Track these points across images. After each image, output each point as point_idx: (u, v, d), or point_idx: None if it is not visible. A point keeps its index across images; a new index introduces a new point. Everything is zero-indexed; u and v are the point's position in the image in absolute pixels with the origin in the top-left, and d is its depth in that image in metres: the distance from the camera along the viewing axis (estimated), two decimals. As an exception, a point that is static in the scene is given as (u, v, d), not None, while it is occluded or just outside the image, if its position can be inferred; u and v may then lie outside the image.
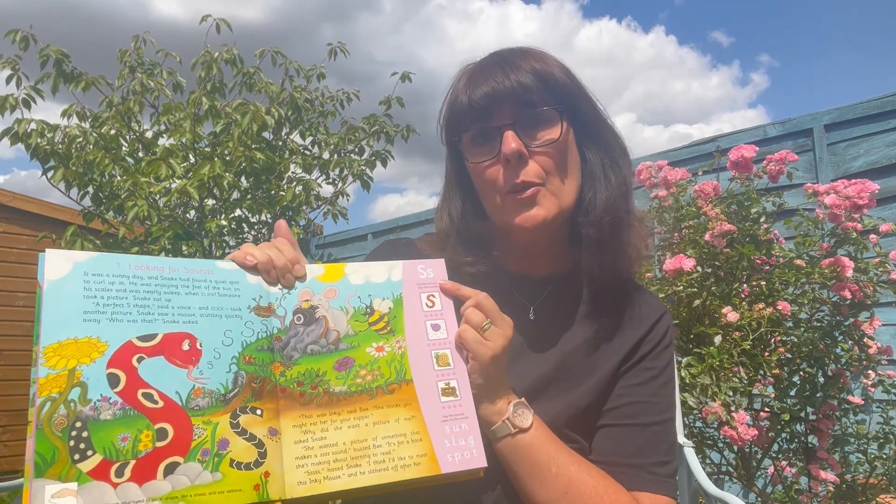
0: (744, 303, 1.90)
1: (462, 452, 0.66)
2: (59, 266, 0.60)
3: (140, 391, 0.58)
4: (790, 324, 1.94)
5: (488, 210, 0.84)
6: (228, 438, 0.59)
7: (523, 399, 0.73)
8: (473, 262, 0.85)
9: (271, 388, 0.63)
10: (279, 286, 0.69)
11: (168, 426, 0.57)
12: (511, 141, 0.77)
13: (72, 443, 0.54)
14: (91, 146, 4.39)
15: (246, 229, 5.27)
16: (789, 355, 1.93)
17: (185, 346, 0.61)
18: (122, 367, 0.58)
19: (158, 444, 0.56)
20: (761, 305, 1.86)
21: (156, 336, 0.61)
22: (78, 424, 0.54)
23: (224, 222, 4.92)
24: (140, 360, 0.59)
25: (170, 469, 0.56)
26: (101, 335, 0.59)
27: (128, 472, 0.55)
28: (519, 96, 0.77)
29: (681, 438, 1.69)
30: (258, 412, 0.62)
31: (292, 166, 5.14)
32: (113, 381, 0.57)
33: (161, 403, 0.58)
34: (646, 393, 0.81)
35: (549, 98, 0.78)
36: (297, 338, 0.67)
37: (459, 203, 0.87)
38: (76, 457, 0.54)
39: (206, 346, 0.62)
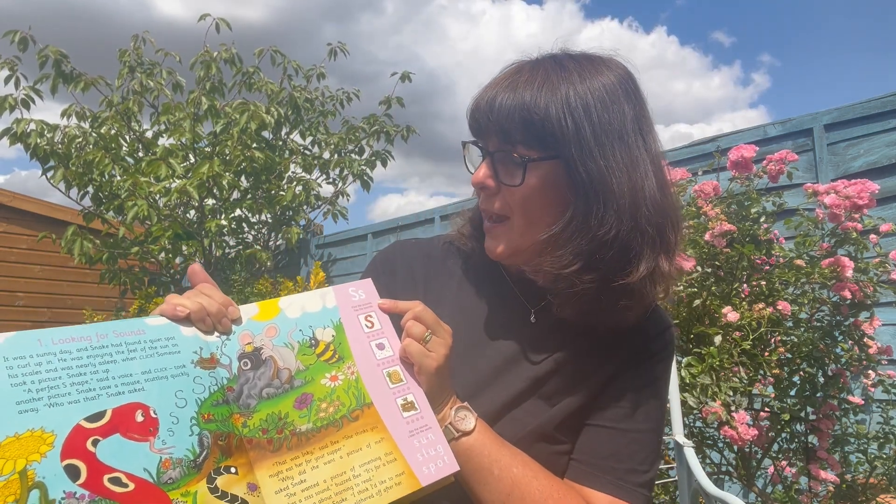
0: (744, 303, 1.90)
1: (435, 462, 0.67)
2: None
3: (106, 477, 0.53)
4: (790, 324, 1.94)
5: None
6: None
7: (465, 403, 0.74)
8: (472, 251, 0.87)
9: (238, 441, 0.60)
10: (216, 334, 0.66)
11: None
12: (481, 171, 0.78)
13: None
14: (91, 146, 4.39)
15: (246, 229, 5.28)
16: (789, 355, 1.93)
17: (140, 418, 0.57)
18: (78, 456, 0.52)
19: None
20: (761, 305, 1.86)
21: (104, 413, 0.55)
22: None
23: (224, 222, 4.92)
24: (95, 442, 0.54)
25: None
26: (44, 425, 0.52)
27: None
28: (500, 130, 0.75)
29: (681, 438, 1.69)
30: (233, 470, 0.59)
31: (292, 166, 5.14)
32: (73, 473, 0.52)
33: (132, 485, 0.53)
34: (632, 399, 0.81)
35: (528, 140, 0.73)
36: (248, 384, 0.64)
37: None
38: None
39: (160, 412, 0.58)
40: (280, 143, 5.17)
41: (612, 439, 0.79)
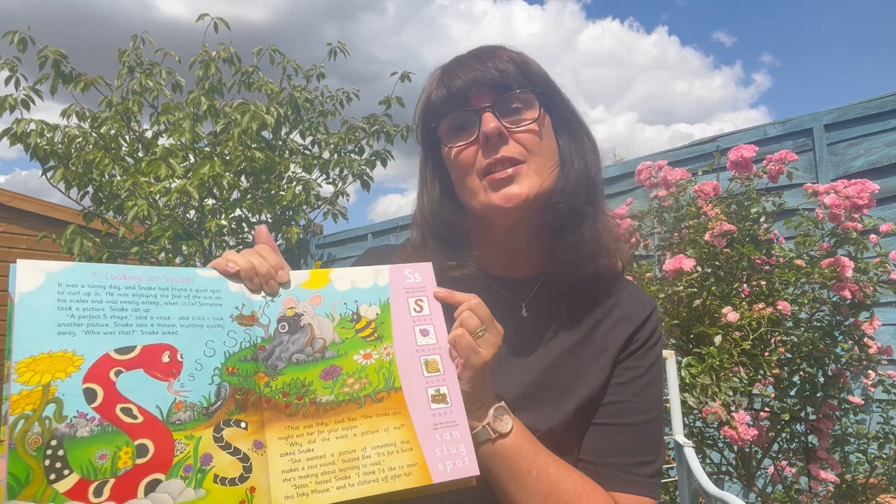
0: (744, 303, 1.90)
1: (454, 461, 0.64)
2: (31, 277, 0.58)
3: (118, 406, 0.56)
4: (790, 324, 1.94)
5: (466, 195, 0.83)
6: (212, 453, 0.57)
7: (503, 403, 0.73)
8: (456, 265, 0.85)
9: (256, 399, 0.61)
10: (262, 294, 0.67)
11: (148, 442, 0.55)
12: (490, 120, 0.79)
13: (47, 462, 0.52)
14: (91, 146, 4.38)
15: (246, 229, 5.27)
16: (789, 355, 1.93)
17: (166, 359, 0.59)
18: (99, 382, 0.56)
19: (139, 461, 0.54)
20: (761, 305, 1.86)
21: (134, 348, 0.58)
22: (53, 443, 0.52)
23: (224, 222, 4.92)
24: (118, 373, 0.57)
25: (151, 487, 0.54)
26: (76, 348, 0.56)
27: (107, 492, 0.52)
28: (497, 80, 0.80)
29: (681, 438, 1.69)
30: (242, 425, 0.60)
31: (292, 166, 5.14)
32: (90, 396, 0.55)
33: (141, 418, 0.56)
34: (630, 392, 0.82)
35: (526, 83, 0.81)
36: (281, 347, 0.65)
37: (437, 195, 0.87)
38: (52, 477, 0.51)
39: (186, 357, 0.60)
40: (280, 143, 5.17)
41: (618, 436, 0.80)
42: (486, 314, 0.71)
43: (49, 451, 0.52)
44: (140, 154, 4.80)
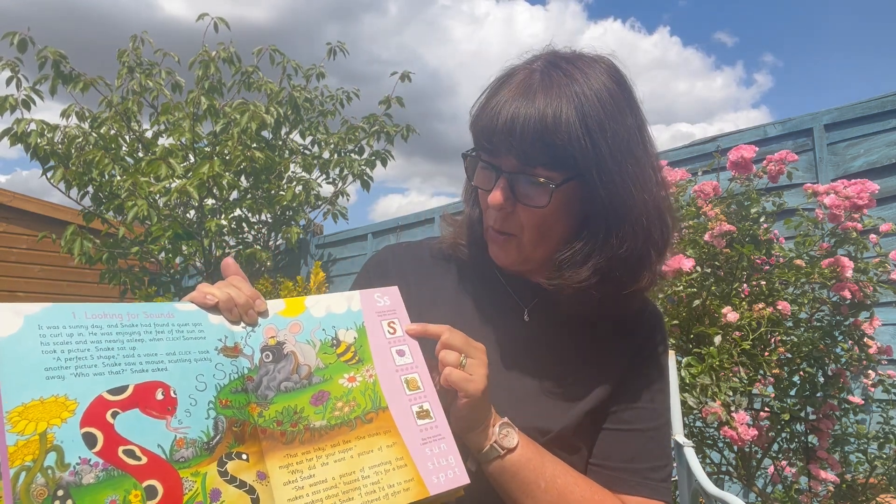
0: (744, 303, 1.90)
1: (446, 472, 0.67)
2: (8, 321, 0.56)
3: (121, 448, 0.55)
4: (790, 324, 1.94)
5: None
6: (220, 488, 0.57)
7: (506, 419, 0.73)
8: (469, 256, 0.88)
9: (252, 430, 0.62)
10: (242, 324, 0.68)
11: (156, 483, 0.55)
12: (498, 191, 0.75)
13: None
14: (91, 146, 4.38)
15: (246, 229, 5.27)
16: (789, 355, 1.93)
17: (159, 396, 0.59)
18: (97, 425, 0.55)
19: (150, 503, 0.54)
20: (761, 305, 1.86)
21: (127, 388, 0.58)
22: (60, 493, 0.51)
23: (224, 222, 4.92)
24: (114, 414, 0.56)
25: None
26: (68, 392, 0.55)
27: None
28: (520, 153, 0.73)
29: (681, 438, 1.69)
30: (244, 457, 0.60)
31: (292, 166, 5.14)
32: (90, 440, 0.54)
33: (145, 459, 0.55)
34: (643, 399, 0.82)
35: (549, 163, 0.72)
36: (268, 376, 0.66)
37: (477, 209, 0.87)
38: None
39: (180, 393, 0.60)
40: (280, 142, 5.17)
41: (632, 441, 0.81)
42: (460, 341, 0.71)
43: (57, 502, 0.51)
44: (140, 154, 4.80)
